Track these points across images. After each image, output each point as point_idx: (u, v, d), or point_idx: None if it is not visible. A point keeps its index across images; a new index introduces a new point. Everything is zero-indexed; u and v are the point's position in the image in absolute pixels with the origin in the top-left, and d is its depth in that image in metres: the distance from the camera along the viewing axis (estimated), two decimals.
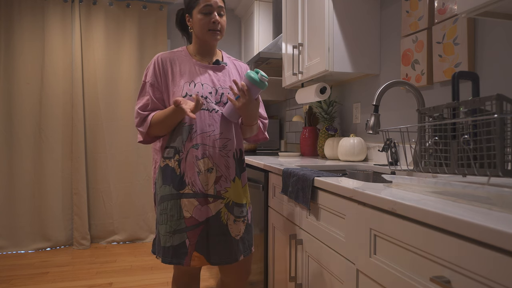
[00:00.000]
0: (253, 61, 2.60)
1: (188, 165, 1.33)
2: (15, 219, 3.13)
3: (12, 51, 3.14)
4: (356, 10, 1.85)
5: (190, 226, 1.32)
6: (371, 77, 1.97)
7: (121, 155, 3.36)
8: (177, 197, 1.32)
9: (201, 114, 1.35)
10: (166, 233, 1.32)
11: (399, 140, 1.71)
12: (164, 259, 1.32)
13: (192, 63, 1.41)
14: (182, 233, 1.31)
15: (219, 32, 1.38)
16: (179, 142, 1.34)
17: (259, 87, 1.31)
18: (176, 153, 1.34)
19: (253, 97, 1.32)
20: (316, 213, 1.20)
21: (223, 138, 1.37)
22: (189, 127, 1.34)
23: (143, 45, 3.43)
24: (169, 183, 1.33)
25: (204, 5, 1.33)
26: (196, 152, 1.33)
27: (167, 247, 1.32)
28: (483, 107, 0.85)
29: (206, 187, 1.34)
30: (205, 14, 1.34)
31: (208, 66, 1.42)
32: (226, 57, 1.53)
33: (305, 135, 2.42)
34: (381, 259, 0.84)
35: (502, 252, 0.53)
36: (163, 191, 1.35)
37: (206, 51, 1.44)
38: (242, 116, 1.37)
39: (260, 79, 1.29)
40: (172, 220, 1.32)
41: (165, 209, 1.33)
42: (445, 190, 0.84)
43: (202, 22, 1.34)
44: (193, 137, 1.33)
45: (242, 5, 3.49)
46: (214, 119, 1.36)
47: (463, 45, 1.34)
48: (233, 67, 1.50)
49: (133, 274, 2.62)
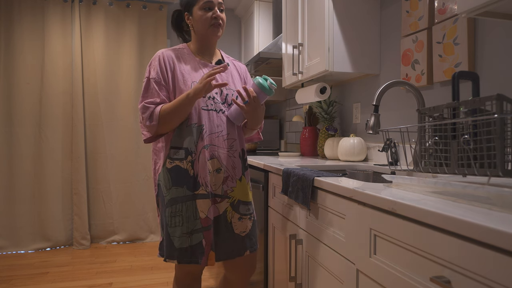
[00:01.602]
0: (253, 61, 2.60)
1: (201, 166, 1.33)
2: (15, 219, 3.13)
3: (12, 51, 3.14)
4: (356, 10, 1.85)
5: (206, 226, 1.33)
6: (371, 77, 1.97)
7: (121, 155, 3.36)
8: (192, 198, 1.32)
9: (210, 115, 1.36)
10: (182, 235, 1.31)
11: (399, 140, 1.71)
12: (181, 261, 1.31)
13: (196, 62, 1.41)
14: (198, 233, 1.32)
15: (220, 27, 1.39)
16: (190, 143, 1.33)
17: (267, 94, 1.34)
18: (188, 154, 1.33)
19: (260, 103, 1.35)
20: (316, 213, 1.20)
21: (230, 138, 1.39)
22: (199, 128, 1.34)
23: (143, 45, 3.43)
24: (181, 185, 1.32)
25: (205, 1, 1.34)
26: (206, 152, 1.34)
27: (184, 248, 1.31)
28: (483, 107, 0.85)
29: (214, 187, 1.36)
30: (206, 10, 1.35)
31: (211, 66, 1.42)
32: (225, 56, 1.53)
33: (305, 135, 2.42)
34: (381, 259, 0.84)
35: (502, 252, 0.53)
36: (175, 193, 1.32)
37: (207, 49, 1.44)
38: (248, 121, 1.39)
39: (269, 87, 1.32)
40: (189, 221, 1.31)
41: (179, 211, 1.31)
42: (445, 190, 0.84)
43: (204, 17, 1.35)
44: (204, 137, 1.34)
45: (242, 5, 3.48)
46: (222, 120, 1.38)
47: (463, 45, 1.34)
48: (233, 68, 1.51)
49: (133, 274, 2.62)
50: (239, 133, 1.45)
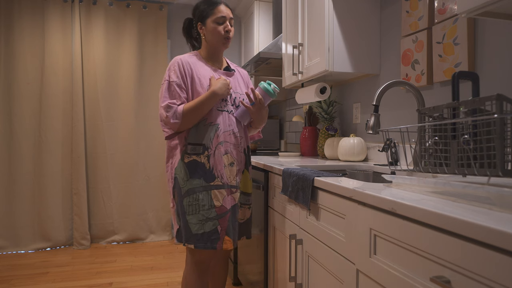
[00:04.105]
0: (253, 61, 2.60)
1: (217, 160, 1.50)
2: (15, 219, 3.13)
3: (12, 51, 3.14)
4: (356, 10, 1.85)
5: (220, 214, 1.49)
6: (371, 77, 1.97)
7: (121, 155, 3.36)
8: (208, 189, 1.48)
9: (223, 115, 1.54)
10: (198, 222, 1.46)
11: (399, 140, 1.71)
12: (197, 245, 1.45)
13: (208, 67, 1.58)
14: (213, 220, 1.47)
15: (230, 40, 1.58)
16: (207, 139, 1.50)
17: (271, 97, 1.57)
18: (205, 149, 1.50)
19: (265, 105, 1.57)
20: (316, 213, 1.20)
21: (238, 136, 1.58)
22: (215, 126, 1.51)
23: (143, 45, 3.43)
24: (199, 177, 1.48)
25: (219, 15, 1.52)
26: (221, 148, 1.52)
27: (200, 234, 1.46)
28: (483, 107, 0.85)
29: (229, 179, 1.53)
30: (218, 23, 1.53)
31: (221, 72, 1.61)
32: (230, 63, 1.72)
33: (305, 135, 2.42)
34: (381, 259, 0.84)
35: (502, 252, 0.53)
36: (192, 184, 1.48)
37: (216, 57, 1.62)
38: (254, 120, 1.60)
39: (273, 90, 1.55)
40: (204, 210, 1.47)
41: (196, 200, 1.47)
42: (445, 190, 0.84)
43: (216, 30, 1.53)
44: (219, 135, 1.51)
45: (242, 5, 3.49)
46: (232, 120, 1.56)
47: (463, 45, 1.34)
48: (238, 74, 1.69)
49: (133, 274, 2.62)
50: (245, 131, 1.63)
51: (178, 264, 2.83)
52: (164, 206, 3.47)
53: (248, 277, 2.05)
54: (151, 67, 3.44)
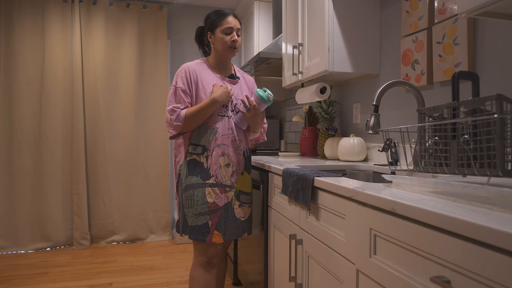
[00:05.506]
0: (253, 61, 2.60)
1: (213, 161, 1.62)
2: (15, 219, 3.13)
3: (12, 51, 3.14)
4: (356, 10, 1.85)
5: (212, 209, 1.59)
6: (371, 77, 1.97)
7: (121, 155, 3.36)
8: (203, 186, 1.60)
9: (223, 120, 1.64)
10: (193, 215, 1.59)
11: (399, 140, 1.71)
12: (191, 236, 1.59)
13: (213, 75, 1.68)
14: (205, 215, 1.59)
15: (236, 50, 1.68)
16: (206, 141, 1.62)
17: (266, 103, 1.65)
18: (204, 150, 1.62)
19: (260, 111, 1.66)
20: (316, 213, 1.20)
21: (237, 140, 1.68)
22: (214, 130, 1.63)
23: (143, 45, 3.43)
24: (196, 174, 1.61)
25: (227, 26, 1.63)
26: (218, 150, 1.62)
27: (193, 226, 1.59)
28: (483, 107, 0.85)
29: (224, 179, 1.63)
30: (226, 34, 1.63)
31: (225, 79, 1.71)
32: (237, 70, 1.81)
33: (305, 135, 2.42)
34: (381, 259, 0.84)
35: (502, 252, 0.53)
36: (190, 180, 1.61)
37: (223, 65, 1.73)
38: (250, 124, 1.69)
39: (267, 97, 1.63)
40: (198, 204, 1.59)
41: (192, 195, 1.60)
42: (445, 190, 0.84)
43: (224, 40, 1.63)
44: (217, 138, 1.62)
45: (242, 5, 3.48)
46: (231, 124, 1.66)
47: (463, 45, 1.34)
48: (243, 80, 1.78)
49: (133, 274, 2.62)
50: (245, 135, 1.73)
51: (178, 264, 2.83)
52: (164, 206, 3.47)
53: (248, 277, 2.05)
54: (151, 67, 3.44)
